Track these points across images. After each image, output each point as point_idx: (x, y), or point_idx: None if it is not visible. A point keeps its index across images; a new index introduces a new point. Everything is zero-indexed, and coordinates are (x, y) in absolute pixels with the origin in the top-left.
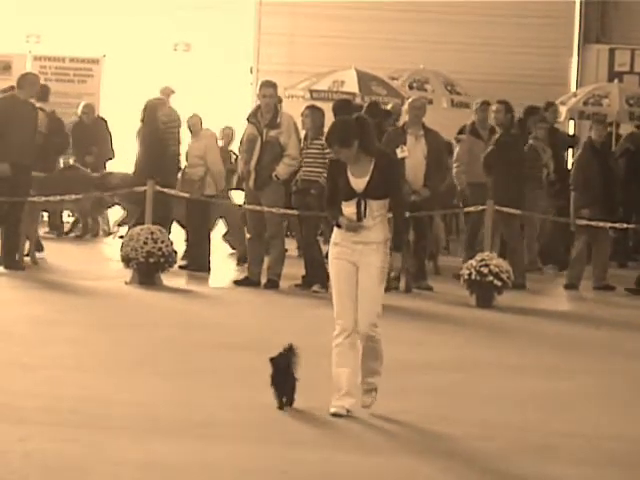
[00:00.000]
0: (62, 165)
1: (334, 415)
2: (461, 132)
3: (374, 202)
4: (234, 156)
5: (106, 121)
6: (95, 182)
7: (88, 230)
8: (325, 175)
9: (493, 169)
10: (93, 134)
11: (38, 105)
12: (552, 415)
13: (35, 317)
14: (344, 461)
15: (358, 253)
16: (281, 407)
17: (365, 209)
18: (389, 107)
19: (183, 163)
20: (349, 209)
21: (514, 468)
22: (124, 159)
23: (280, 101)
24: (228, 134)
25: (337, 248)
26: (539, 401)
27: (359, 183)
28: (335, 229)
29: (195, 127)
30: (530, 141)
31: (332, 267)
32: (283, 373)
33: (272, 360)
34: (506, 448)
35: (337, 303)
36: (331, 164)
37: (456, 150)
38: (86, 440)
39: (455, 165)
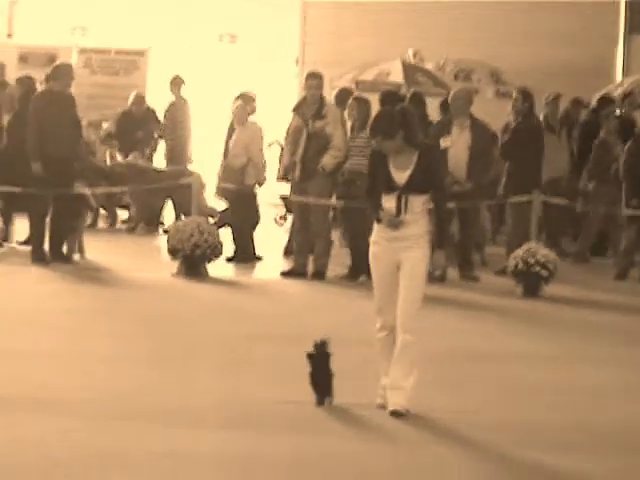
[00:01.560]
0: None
1: (393, 414)
2: None
3: (415, 197)
4: (279, 147)
5: (155, 112)
6: (105, 173)
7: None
8: None
9: (510, 157)
10: (141, 125)
11: None
12: (589, 407)
13: (80, 309)
14: (373, 452)
15: (397, 250)
16: (321, 403)
17: (406, 204)
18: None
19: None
20: (389, 203)
21: (540, 459)
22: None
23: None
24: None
25: (377, 246)
26: (581, 393)
27: (401, 176)
28: (375, 225)
29: (240, 117)
30: (601, 134)
31: (372, 265)
32: (321, 370)
33: (309, 357)
34: (538, 440)
35: (377, 300)
36: (372, 155)
37: None
38: (129, 432)
39: None
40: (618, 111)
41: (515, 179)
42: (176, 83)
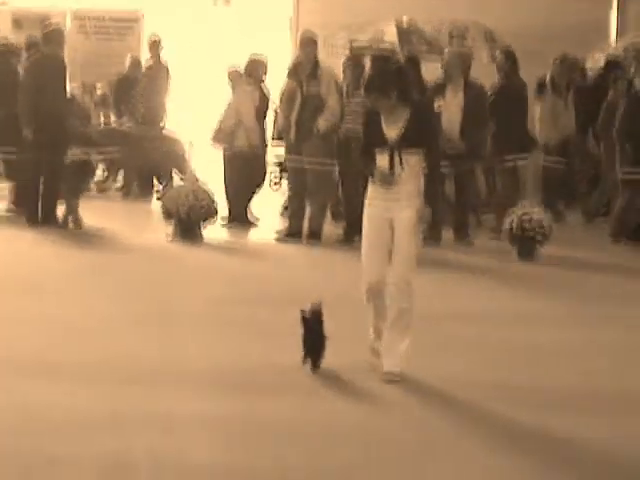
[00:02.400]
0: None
1: (386, 377)
2: (540, 88)
3: (408, 153)
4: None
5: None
6: (85, 138)
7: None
8: None
9: (493, 117)
10: (135, 89)
11: None
12: (583, 368)
13: (75, 273)
14: (350, 414)
15: (392, 208)
16: (316, 367)
17: (400, 160)
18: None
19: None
20: (382, 160)
21: (533, 420)
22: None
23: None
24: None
25: (371, 206)
26: (577, 353)
27: (393, 132)
28: (369, 186)
29: (234, 80)
30: (609, 96)
31: (365, 224)
32: (314, 333)
33: (303, 320)
34: (531, 401)
35: (365, 257)
36: (366, 114)
37: (538, 108)
38: (127, 395)
39: (539, 123)
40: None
41: (499, 139)
42: (154, 46)
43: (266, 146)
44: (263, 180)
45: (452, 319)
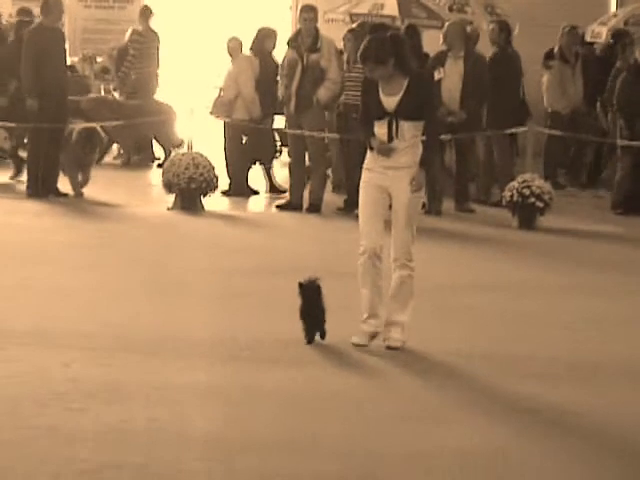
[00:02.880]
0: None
1: (356, 345)
2: (548, 57)
3: (406, 123)
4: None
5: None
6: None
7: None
8: None
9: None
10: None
11: None
12: (582, 338)
13: (77, 243)
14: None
15: (390, 178)
16: (310, 341)
17: (397, 130)
18: (468, 29)
19: (218, 85)
20: (381, 130)
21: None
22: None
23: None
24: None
25: (368, 173)
26: (575, 323)
27: (390, 102)
28: (368, 154)
29: (234, 51)
30: (617, 66)
31: (362, 191)
32: (312, 305)
33: (301, 292)
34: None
35: (363, 223)
36: (364, 83)
37: (546, 77)
38: (130, 364)
39: (546, 92)
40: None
41: (493, 110)
42: (144, 14)
43: (272, 118)
44: (272, 153)
45: (451, 289)
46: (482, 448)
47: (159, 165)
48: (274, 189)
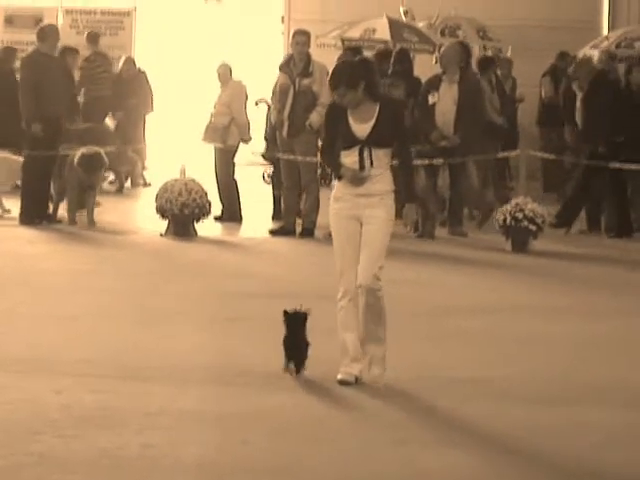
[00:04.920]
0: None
1: (341, 383)
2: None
3: (378, 151)
4: (267, 105)
5: (146, 74)
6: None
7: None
8: None
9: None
10: (132, 88)
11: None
12: (576, 358)
13: (70, 269)
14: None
15: (361, 207)
16: (286, 370)
17: (370, 158)
18: (489, 53)
19: (210, 111)
20: (349, 158)
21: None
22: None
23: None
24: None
25: (338, 204)
26: (566, 344)
27: (362, 129)
28: (337, 183)
29: (224, 76)
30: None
31: (333, 225)
32: (294, 336)
33: (285, 320)
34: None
35: (339, 263)
36: (330, 109)
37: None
38: (123, 391)
39: None
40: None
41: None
42: (91, 39)
43: None
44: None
45: (444, 312)
46: (469, 473)
47: (145, 184)
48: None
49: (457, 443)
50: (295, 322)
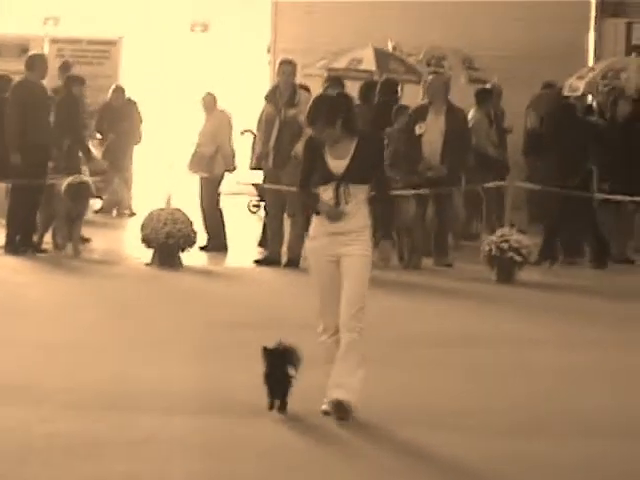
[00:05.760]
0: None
1: (325, 413)
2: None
3: (355, 187)
4: (252, 135)
5: (136, 103)
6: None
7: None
8: None
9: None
10: (121, 116)
11: None
12: (558, 390)
13: (55, 298)
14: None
15: (338, 244)
16: (271, 408)
17: (345, 194)
18: (488, 86)
19: (194, 140)
20: (326, 194)
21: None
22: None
23: None
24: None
25: (315, 242)
26: (550, 375)
27: (338, 165)
28: (313, 220)
29: (208, 106)
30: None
31: (311, 263)
32: (277, 373)
33: (265, 356)
34: (499, 425)
35: (319, 301)
36: (307, 143)
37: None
38: (108, 420)
39: None
40: (590, 97)
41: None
42: (64, 68)
43: None
44: None
45: (426, 343)
46: None
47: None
48: None
49: (434, 473)
50: (275, 358)
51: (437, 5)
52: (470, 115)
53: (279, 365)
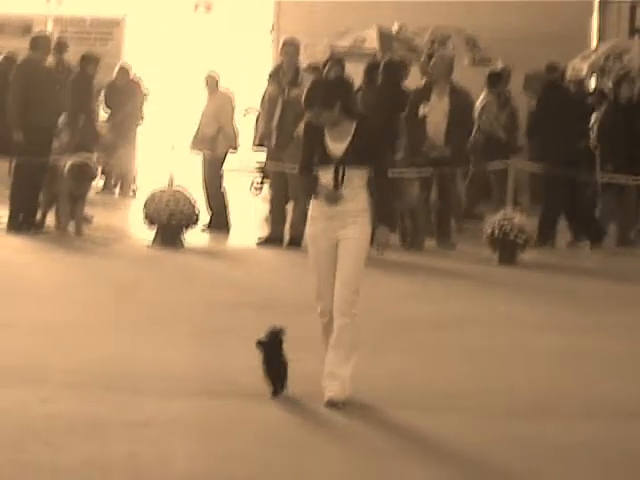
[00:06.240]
0: None
1: (328, 404)
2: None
3: (353, 170)
4: (256, 115)
5: (140, 82)
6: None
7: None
8: None
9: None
10: (126, 96)
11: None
12: (558, 373)
13: (56, 278)
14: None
15: (336, 227)
16: (275, 394)
17: (344, 177)
18: (499, 68)
19: (197, 120)
20: (325, 177)
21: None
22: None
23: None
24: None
25: (314, 223)
26: (550, 358)
27: (337, 148)
28: (312, 202)
29: (211, 86)
30: None
31: (310, 246)
32: (273, 358)
33: (260, 345)
34: (496, 408)
35: (317, 283)
36: (307, 127)
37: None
38: (108, 400)
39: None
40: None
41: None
42: (58, 47)
43: None
44: None
45: (428, 325)
46: None
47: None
48: None
49: (430, 456)
50: (271, 347)
51: None
52: (481, 97)
53: (275, 355)
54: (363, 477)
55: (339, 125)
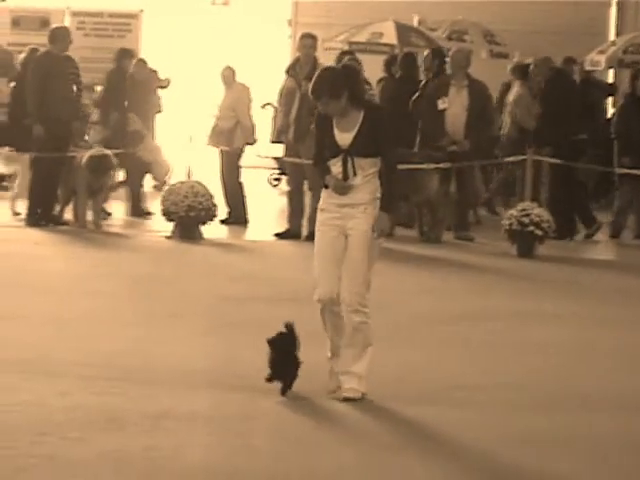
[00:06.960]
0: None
1: (346, 400)
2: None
3: (361, 160)
4: (273, 108)
5: (157, 73)
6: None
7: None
8: None
9: (418, 115)
10: (145, 90)
11: None
12: (577, 366)
13: (75, 271)
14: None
15: (345, 217)
16: (284, 392)
17: (353, 167)
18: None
19: (214, 114)
20: (335, 168)
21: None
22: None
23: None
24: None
25: (323, 214)
26: (567, 351)
27: (345, 138)
28: (323, 192)
29: (228, 79)
30: None
31: (317, 233)
32: (284, 357)
33: (270, 342)
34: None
35: (318, 269)
36: (317, 118)
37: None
38: (126, 393)
39: None
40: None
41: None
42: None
43: None
44: None
45: (447, 318)
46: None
47: (155, 185)
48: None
49: (440, 451)
50: (282, 346)
51: None
52: (514, 90)
53: (286, 353)
54: (373, 472)
55: (347, 115)
